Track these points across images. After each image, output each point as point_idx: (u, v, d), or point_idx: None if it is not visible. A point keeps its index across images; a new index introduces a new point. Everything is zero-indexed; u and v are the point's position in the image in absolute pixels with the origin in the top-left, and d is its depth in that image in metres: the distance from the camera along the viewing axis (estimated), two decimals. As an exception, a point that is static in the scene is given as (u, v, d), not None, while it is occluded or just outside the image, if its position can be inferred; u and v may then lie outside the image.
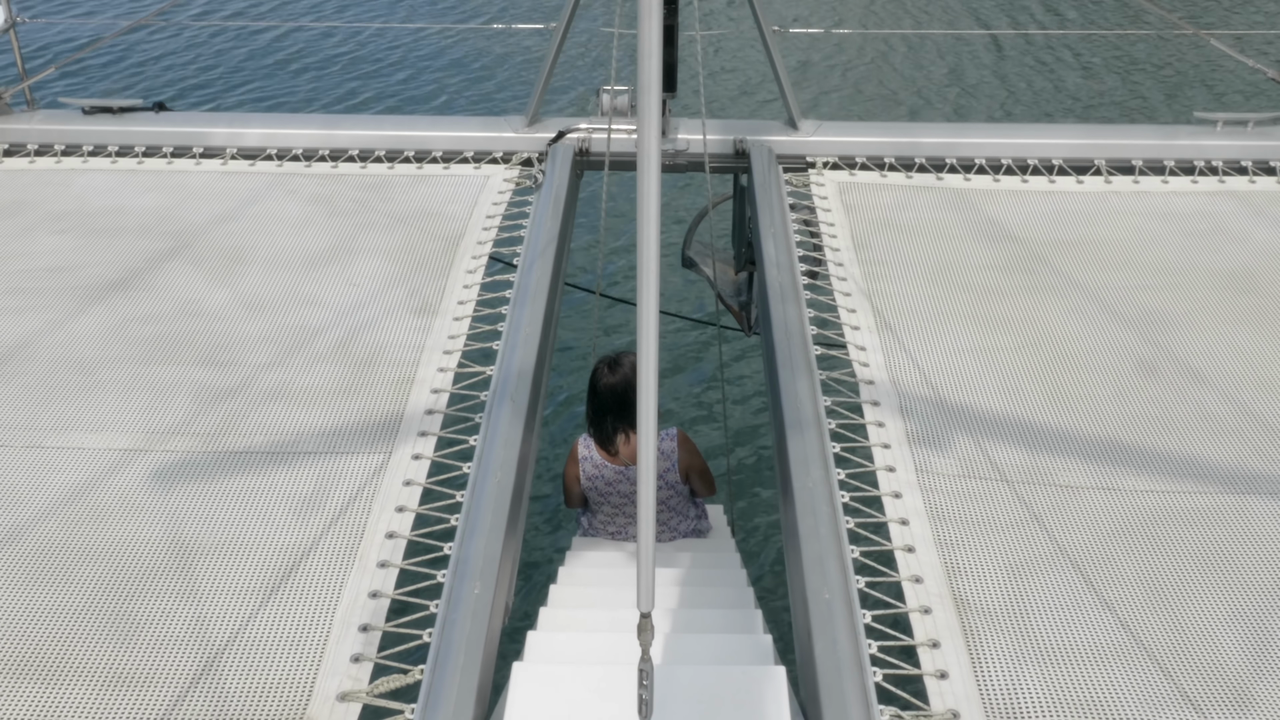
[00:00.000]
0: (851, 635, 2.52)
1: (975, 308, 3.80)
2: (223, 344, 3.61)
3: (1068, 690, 2.44)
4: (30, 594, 2.68)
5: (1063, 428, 3.25)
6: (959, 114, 12.05)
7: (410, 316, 3.74)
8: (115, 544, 2.82)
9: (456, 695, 2.35)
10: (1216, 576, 2.73)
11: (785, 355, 3.46)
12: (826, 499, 2.91)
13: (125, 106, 5.03)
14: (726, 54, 13.26)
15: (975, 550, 2.82)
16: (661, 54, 1.53)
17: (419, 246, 4.15)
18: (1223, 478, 3.06)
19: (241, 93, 12.41)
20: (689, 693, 2.42)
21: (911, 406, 3.33)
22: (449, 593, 2.64)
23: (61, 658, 2.51)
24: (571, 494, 4.50)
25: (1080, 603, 2.66)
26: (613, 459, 4.32)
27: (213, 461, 3.12)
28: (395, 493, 2.99)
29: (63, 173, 4.73)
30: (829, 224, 4.28)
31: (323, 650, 2.52)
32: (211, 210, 4.40)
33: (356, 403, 3.34)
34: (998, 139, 4.86)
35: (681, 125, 4.89)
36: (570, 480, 4.46)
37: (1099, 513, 2.94)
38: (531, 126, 4.87)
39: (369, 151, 4.82)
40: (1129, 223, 4.33)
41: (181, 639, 2.56)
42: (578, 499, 4.50)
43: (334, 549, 2.81)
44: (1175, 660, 2.51)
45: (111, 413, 3.29)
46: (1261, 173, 4.66)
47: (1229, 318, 3.74)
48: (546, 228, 4.12)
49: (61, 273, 3.99)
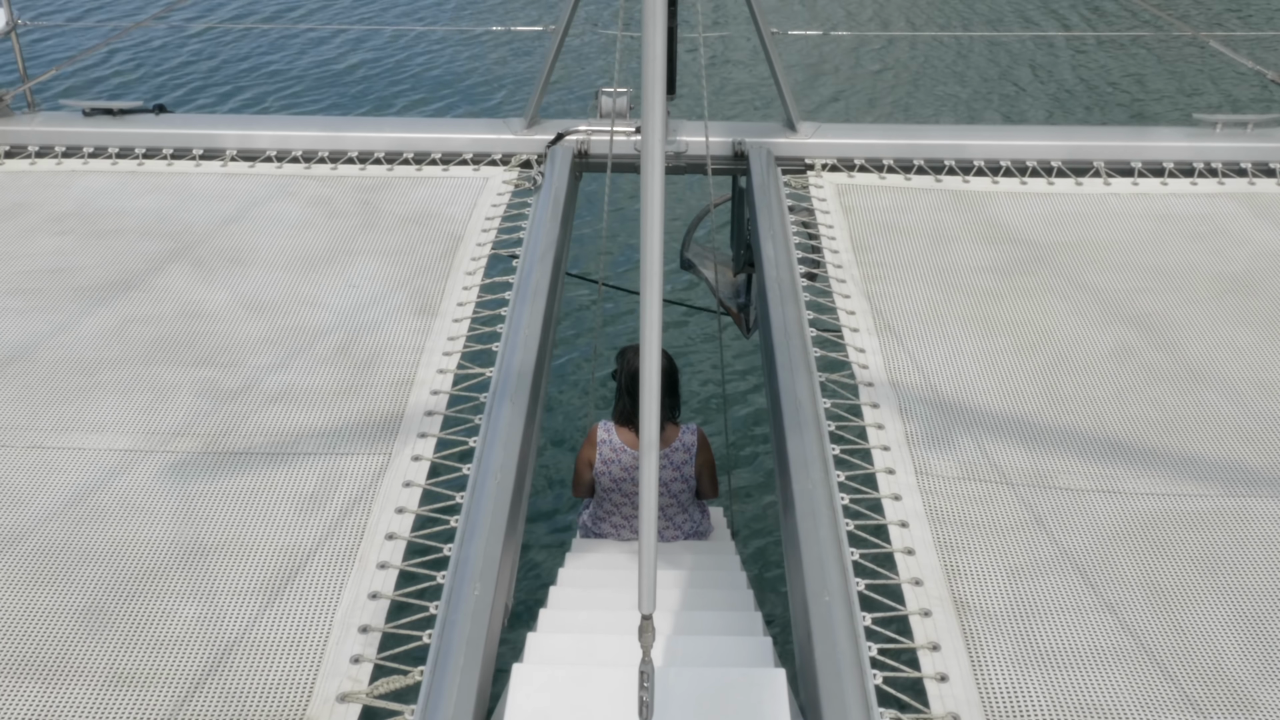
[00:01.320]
0: (851, 638, 2.52)
1: (975, 310, 3.80)
2: (223, 345, 3.61)
3: (1069, 693, 2.43)
4: (31, 594, 2.68)
5: (1063, 430, 3.25)
6: (960, 116, 12.06)
7: (410, 318, 3.74)
8: (116, 545, 2.82)
9: (456, 696, 2.35)
10: (1218, 579, 2.73)
11: (784, 357, 3.46)
12: (826, 501, 2.91)
13: (126, 108, 5.04)
14: (724, 58, 13.26)
15: (975, 553, 2.82)
16: (665, 57, 1.54)
17: (418, 248, 4.15)
18: (1224, 480, 3.05)
19: (241, 95, 12.41)
20: (689, 695, 2.42)
21: (911, 408, 3.33)
22: (449, 594, 2.64)
23: (63, 658, 2.51)
24: (581, 479, 4.45)
25: (1081, 605, 2.66)
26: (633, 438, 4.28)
27: (212, 462, 3.12)
28: (395, 494, 2.99)
29: (63, 174, 4.73)
30: (828, 226, 4.28)
31: (322, 651, 2.52)
32: (212, 212, 4.41)
33: (356, 404, 3.34)
34: (996, 141, 4.86)
35: (681, 127, 4.89)
36: (583, 465, 4.42)
37: (1099, 515, 2.93)
38: (530, 128, 4.87)
39: (369, 153, 4.82)
40: (1128, 224, 4.33)
41: (181, 639, 2.56)
42: (587, 487, 4.47)
43: (334, 550, 2.81)
44: (1177, 663, 2.50)
45: (112, 414, 3.29)
46: (1261, 174, 4.66)
47: (1229, 320, 3.74)
48: (546, 229, 4.12)
49: (62, 274, 3.99)
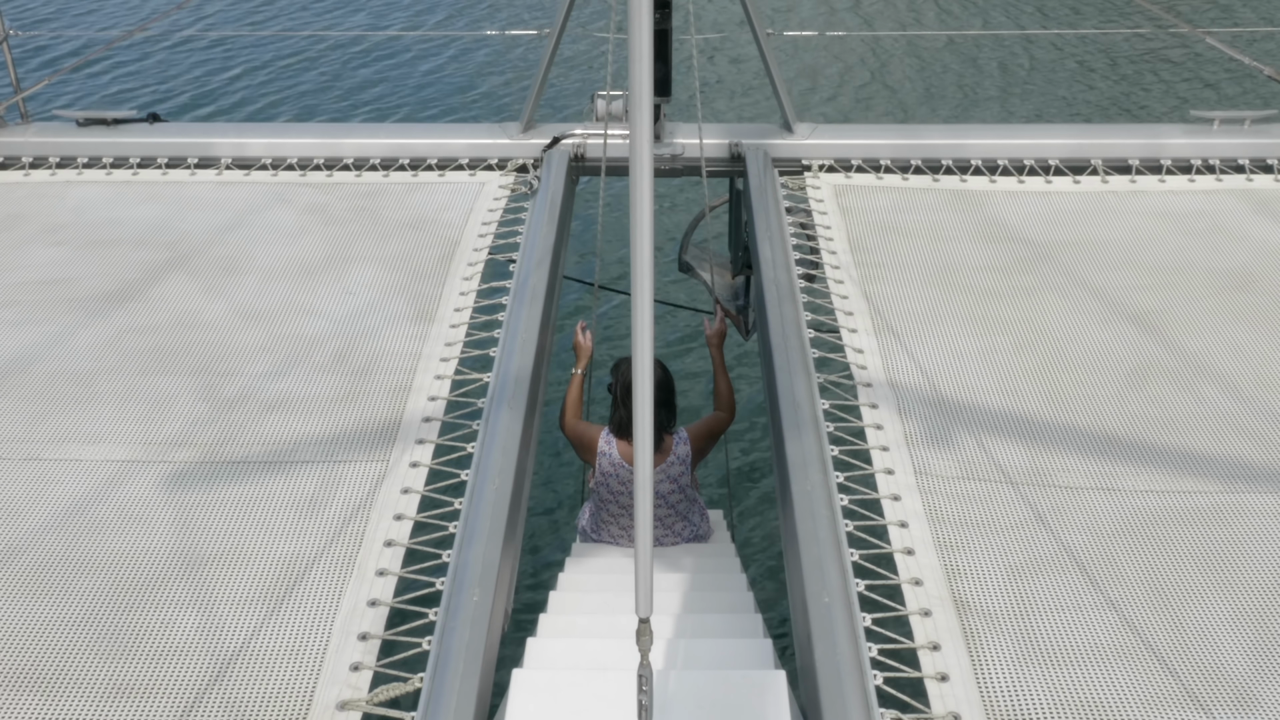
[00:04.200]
0: (851, 638, 2.51)
1: (973, 309, 3.80)
2: (220, 354, 3.60)
3: (1070, 691, 2.43)
4: (28, 606, 2.67)
5: (1062, 428, 3.24)
6: (958, 115, 12.05)
7: (407, 324, 3.73)
8: (114, 556, 2.81)
9: (456, 702, 2.35)
10: (1219, 576, 2.72)
11: (783, 358, 3.46)
12: (825, 502, 2.90)
13: (119, 118, 5.03)
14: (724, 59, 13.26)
15: (975, 552, 2.81)
16: (652, 58, 1.53)
17: (415, 254, 4.15)
18: (1224, 477, 3.05)
19: (235, 103, 12.40)
20: (689, 698, 2.41)
21: (910, 408, 3.32)
22: (448, 600, 2.63)
23: (61, 670, 2.50)
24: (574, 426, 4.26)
25: (1082, 603, 2.65)
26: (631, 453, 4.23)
27: (210, 472, 3.11)
28: (393, 501, 2.98)
29: (58, 185, 4.73)
30: (825, 227, 4.28)
31: (322, 659, 2.52)
32: (207, 221, 4.40)
33: (354, 411, 3.33)
34: (994, 140, 4.86)
35: (677, 130, 4.89)
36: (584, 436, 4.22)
37: (1099, 513, 2.93)
38: (526, 133, 4.87)
39: (364, 160, 4.82)
40: (1126, 222, 4.33)
41: (181, 649, 2.55)
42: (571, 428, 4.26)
43: (333, 558, 2.80)
44: (1179, 659, 2.50)
45: (109, 424, 3.29)
46: (1259, 171, 4.66)
47: (1228, 316, 3.74)
48: (542, 233, 4.12)
49: (58, 285, 3.98)
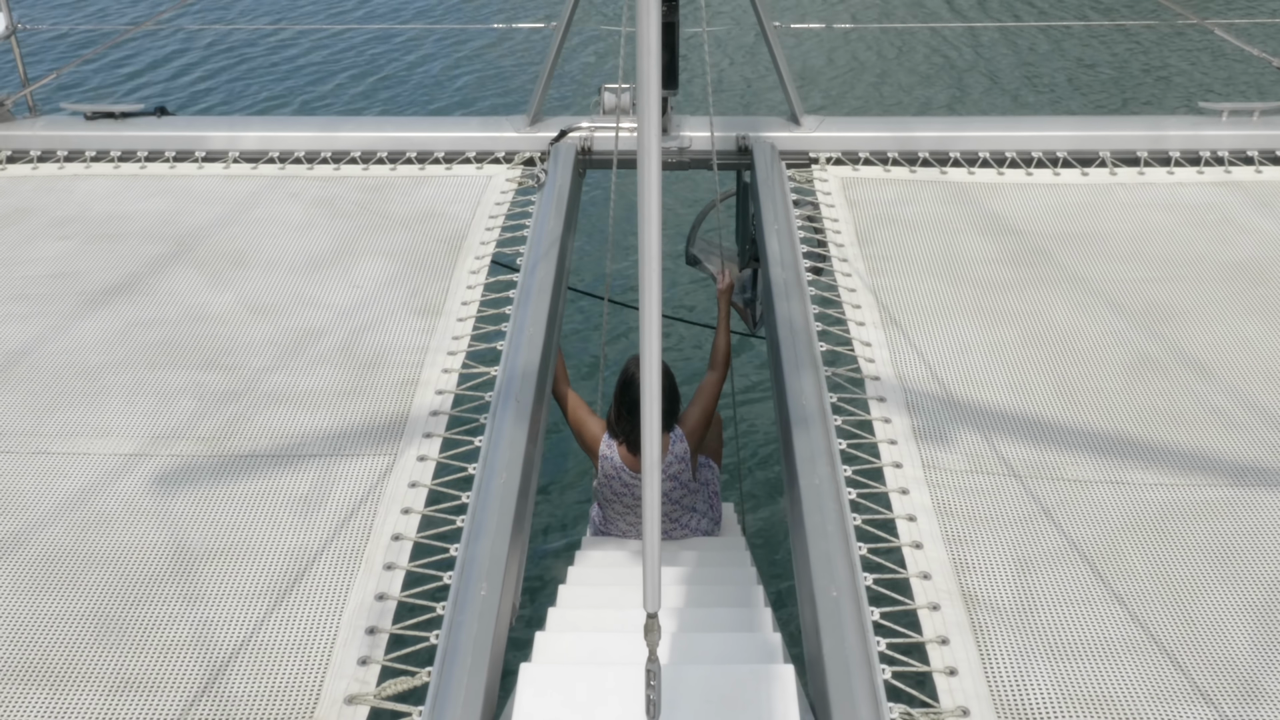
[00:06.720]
0: (860, 632, 2.51)
1: (980, 302, 3.79)
2: (227, 348, 3.61)
3: (1078, 685, 2.42)
4: (36, 599, 2.68)
5: (1070, 421, 3.23)
6: (965, 108, 12.02)
7: (413, 318, 3.73)
8: (122, 549, 2.82)
9: (464, 697, 2.35)
10: (1227, 569, 2.72)
11: (790, 352, 3.45)
12: (833, 496, 2.90)
13: (127, 111, 5.04)
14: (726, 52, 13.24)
15: (983, 545, 2.81)
16: (660, 50, 1.52)
17: (421, 248, 4.15)
18: (1232, 470, 3.04)
19: (243, 96, 12.41)
20: (697, 692, 2.41)
21: (917, 402, 3.31)
22: (455, 594, 2.63)
23: (69, 663, 2.51)
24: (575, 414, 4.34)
25: (1090, 597, 2.64)
26: (633, 460, 4.24)
27: (218, 466, 3.11)
28: (401, 495, 2.98)
29: (66, 179, 4.73)
30: (832, 219, 4.27)
31: (330, 653, 2.52)
32: (214, 214, 4.40)
33: (361, 405, 3.33)
34: (1001, 132, 4.84)
35: (684, 123, 4.88)
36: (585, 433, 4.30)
37: (1107, 507, 2.92)
38: (533, 126, 4.86)
39: (371, 153, 4.82)
40: (1134, 215, 4.31)
41: (188, 643, 2.56)
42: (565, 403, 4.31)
43: (340, 552, 2.80)
44: (1187, 653, 2.49)
45: (116, 418, 3.29)
46: (1268, 163, 4.63)
47: (1237, 309, 3.72)
48: (549, 227, 4.11)
49: (65, 278, 3.99)
